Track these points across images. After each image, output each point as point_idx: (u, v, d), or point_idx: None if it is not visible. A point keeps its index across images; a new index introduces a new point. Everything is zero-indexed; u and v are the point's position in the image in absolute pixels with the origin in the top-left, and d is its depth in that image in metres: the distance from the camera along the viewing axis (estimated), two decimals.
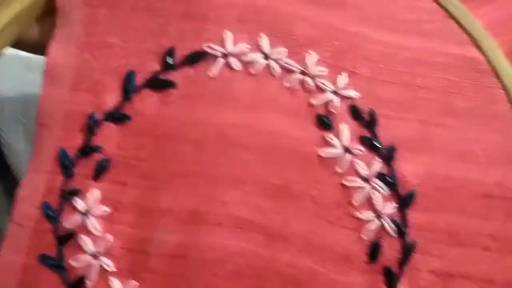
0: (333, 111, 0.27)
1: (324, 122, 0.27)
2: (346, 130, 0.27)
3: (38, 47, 0.29)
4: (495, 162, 0.27)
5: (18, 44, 0.29)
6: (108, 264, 0.26)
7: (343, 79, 0.27)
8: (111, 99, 0.27)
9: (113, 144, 0.27)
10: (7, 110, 0.48)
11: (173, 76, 0.27)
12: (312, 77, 0.27)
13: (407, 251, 0.27)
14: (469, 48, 0.28)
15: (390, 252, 0.27)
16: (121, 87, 0.27)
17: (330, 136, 0.27)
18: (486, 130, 0.28)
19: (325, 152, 0.27)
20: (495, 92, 0.28)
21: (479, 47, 0.28)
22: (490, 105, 0.28)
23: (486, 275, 0.27)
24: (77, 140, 0.27)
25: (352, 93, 0.27)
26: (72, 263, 0.26)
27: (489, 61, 0.28)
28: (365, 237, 0.27)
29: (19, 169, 0.47)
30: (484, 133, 0.28)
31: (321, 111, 0.27)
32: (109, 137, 0.27)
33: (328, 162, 0.27)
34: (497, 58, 0.28)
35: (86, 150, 0.27)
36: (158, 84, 0.27)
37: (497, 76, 0.28)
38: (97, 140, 0.27)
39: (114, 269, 0.26)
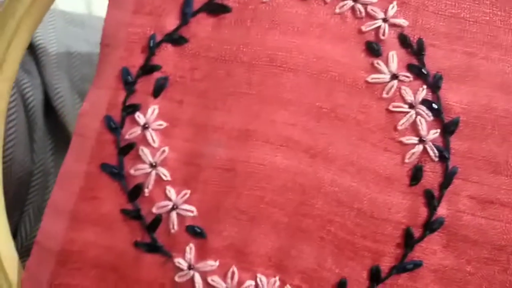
0: (382, 38, 0.28)
1: (373, 49, 0.28)
2: (395, 57, 0.28)
3: None
4: None
5: None
6: (164, 173, 0.28)
7: (393, 8, 0.28)
8: (170, 22, 0.29)
9: (171, 64, 0.29)
10: (53, 60, 0.51)
11: (228, 0, 0.29)
12: (363, 4, 0.28)
13: (448, 175, 0.28)
14: None
15: (431, 176, 0.28)
16: (180, 11, 0.29)
17: (379, 62, 0.28)
18: None
19: (373, 77, 0.28)
20: None
21: None
22: None
23: None
24: (139, 59, 0.29)
25: (401, 21, 0.28)
26: (131, 172, 0.28)
27: None
28: (407, 161, 0.28)
29: (64, 111, 0.50)
30: None
31: (371, 38, 0.28)
32: (167, 58, 0.29)
33: (375, 88, 0.28)
34: None
35: (147, 69, 0.28)
36: (213, 8, 0.29)
37: None
38: (156, 60, 0.29)
39: (170, 179, 0.28)
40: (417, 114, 0.28)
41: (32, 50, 0.48)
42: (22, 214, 0.44)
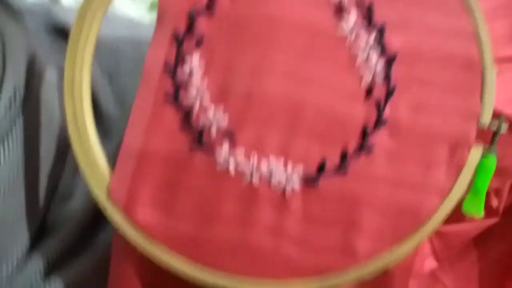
0: (345, 5, 0.42)
1: (340, 11, 0.42)
2: (354, 16, 0.42)
3: None
4: (450, 36, 0.42)
5: None
6: (206, 98, 0.42)
7: None
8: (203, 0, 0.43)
9: (205, 27, 0.43)
10: None
11: None
12: None
13: (390, 91, 0.42)
14: None
15: (379, 92, 0.42)
16: None
17: (344, 20, 0.42)
18: (443, 16, 0.42)
19: (340, 30, 0.42)
20: None
21: None
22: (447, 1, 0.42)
23: (443, 104, 0.42)
24: (184, 25, 0.43)
25: None
26: (184, 99, 0.43)
27: None
28: (364, 82, 0.42)
29: (97, 90, 0.61)
30: (443, 18, 0.42)
31: (337, 4, 0.42)
32: (202, 23, 0.43)
33: (342, 36, 0.42)
34: None
35: (190, 31, 0.43)
36: None
37: None
38: (195, 25, 0.43)
39: (209, 100, 0.42)
40: (370, 52, 0.42)
41: None
42: (64, 166, 0.57)
